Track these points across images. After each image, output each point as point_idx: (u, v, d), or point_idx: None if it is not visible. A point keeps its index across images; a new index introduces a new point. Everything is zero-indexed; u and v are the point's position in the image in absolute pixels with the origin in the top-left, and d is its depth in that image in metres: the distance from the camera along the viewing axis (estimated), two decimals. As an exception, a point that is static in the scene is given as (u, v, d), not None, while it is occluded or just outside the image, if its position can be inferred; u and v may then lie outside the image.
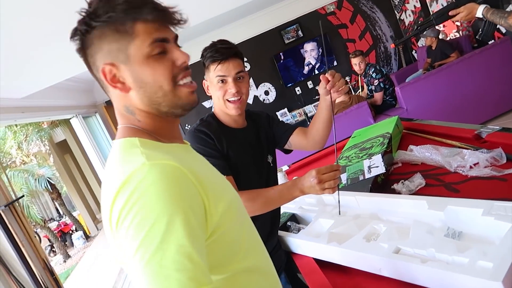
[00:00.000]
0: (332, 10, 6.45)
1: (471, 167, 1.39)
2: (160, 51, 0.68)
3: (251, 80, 6.46)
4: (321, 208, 1.43)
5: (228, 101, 1.25)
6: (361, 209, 1.30)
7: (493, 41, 4.66)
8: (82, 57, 0.71)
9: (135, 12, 0.66)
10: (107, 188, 0.62)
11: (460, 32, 5.22)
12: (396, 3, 6.45)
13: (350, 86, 5.50)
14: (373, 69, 4.40)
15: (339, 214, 1.27)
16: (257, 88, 6.56)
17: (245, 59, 6.36)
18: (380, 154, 1.68)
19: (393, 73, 6.17)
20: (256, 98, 6.57)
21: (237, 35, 6.19)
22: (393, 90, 4.45)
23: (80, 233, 9.54)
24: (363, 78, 4.71)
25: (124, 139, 0.69)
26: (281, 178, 2.18)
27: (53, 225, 10.70)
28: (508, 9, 1.61)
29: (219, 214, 0.65)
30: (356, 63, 4.48)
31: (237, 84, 1.23)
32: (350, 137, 2.33)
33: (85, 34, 0.67)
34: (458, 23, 5.21)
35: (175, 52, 0.70)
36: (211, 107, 6.40)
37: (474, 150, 1.48)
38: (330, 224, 1.26)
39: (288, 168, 2.48)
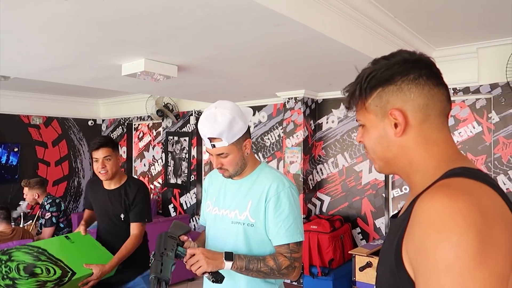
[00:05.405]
0: (38, 123, 5.83)
1: None
2: None
3: None
4: None
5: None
6: None
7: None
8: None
9: None
10: None
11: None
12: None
13: (22, 214, 4.64)
14: (50, 201, 3.79)
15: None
16: None
17: None
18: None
19: (77, 212, 5.73)
20: None
21: None
22: (69, 233, 3.94)
23: None
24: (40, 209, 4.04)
25: None
26: None
27: None
28: None
29: None
30: (27, 194, 3.82)
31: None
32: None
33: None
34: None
35: None
36: None
37: None
38: None
39: None
